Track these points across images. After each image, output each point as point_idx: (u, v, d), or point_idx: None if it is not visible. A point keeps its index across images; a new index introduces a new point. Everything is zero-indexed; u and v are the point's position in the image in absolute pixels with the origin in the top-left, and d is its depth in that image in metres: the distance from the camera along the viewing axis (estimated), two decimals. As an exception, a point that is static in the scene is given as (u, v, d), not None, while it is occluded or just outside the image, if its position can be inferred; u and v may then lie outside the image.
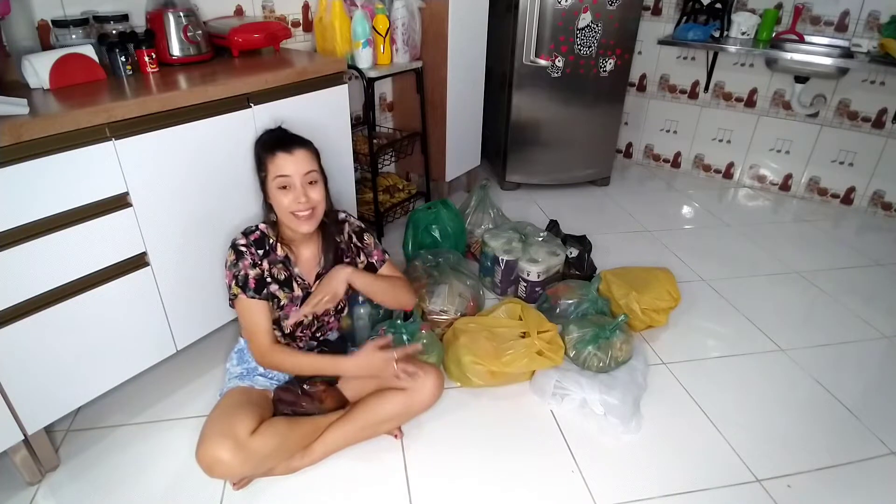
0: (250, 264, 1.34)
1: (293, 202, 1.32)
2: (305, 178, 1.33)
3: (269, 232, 1.39)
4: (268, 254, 1.37)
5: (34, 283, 1.25)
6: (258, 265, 1.35)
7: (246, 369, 1.46)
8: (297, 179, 1.32)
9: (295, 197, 1.32)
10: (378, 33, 2.19)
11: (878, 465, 1.51)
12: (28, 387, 1.30)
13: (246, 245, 1.35)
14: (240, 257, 1.34)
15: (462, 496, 1.40)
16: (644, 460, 1.50)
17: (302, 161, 1.33)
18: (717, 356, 1.90)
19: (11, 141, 1.13)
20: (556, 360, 1.68)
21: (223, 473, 1.29)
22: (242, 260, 1.34)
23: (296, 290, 1.41)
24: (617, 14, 2.67)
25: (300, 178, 1.32)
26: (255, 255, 1.35)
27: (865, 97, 2.77)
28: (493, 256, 2.13)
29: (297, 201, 1.32)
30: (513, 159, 3.01)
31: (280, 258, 1.39)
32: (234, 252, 1.35)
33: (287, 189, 1.32)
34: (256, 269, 1.35)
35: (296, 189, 1.32)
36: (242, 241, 1.35)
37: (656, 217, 2.87)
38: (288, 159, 1.31)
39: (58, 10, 1.57)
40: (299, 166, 1.32)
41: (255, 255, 1.35)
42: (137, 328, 1.50)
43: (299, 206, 1.32)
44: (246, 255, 1.34)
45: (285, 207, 1.33)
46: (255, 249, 1.35)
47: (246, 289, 1.34)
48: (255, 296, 1.34)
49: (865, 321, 2.09)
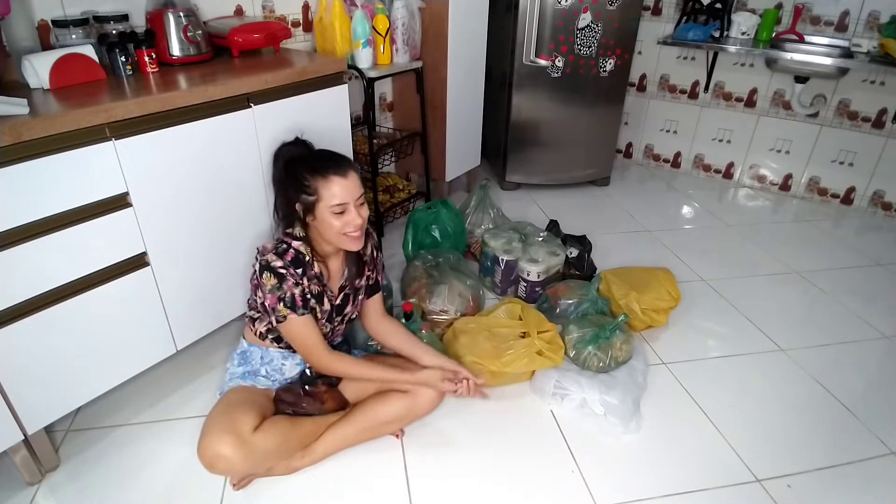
0: (293, 284, 1.31)
1: (347, 224, 1.29)
2: (358, 200, 1.31)
3: (303, 249, 1.34)
4: (305, 272, 1.34)
5: (34, 283, 1.25)
6: (300, 283, 1.32)
7: (248, 370, 1.45)
8: (352, 202, 1.29)
9: (350, 220, 1.29)
10: (378, 33, 2.19)
11: (878, 465, 1.51)
12: (28, 387, 1.30)
13: (284, 266, 1.30)
14: (282, 280, 1.30)
15: (462, 496, 1.40)
16: (644, 460, 1.50)
17: (355, 183, 1.30)
18: (717, 356, 1.90)
19: (11, 141, 1.13)
20: (556, 360, 1.68)
21: (224, 470, 1.29)
22: (285, 282, 1.30)
23: (325, 304, 1.40)
24: (617, 14, 2.67)
25: (354, 201, 1.30)
26: (295, 275, 1.31)
27: (865, 97, 2.77)
28: (493, 256, 2.13)
29: (351, 224, 1.29)
30: (513, 159, 3.01)
31: (315, 274, 1.36)
32: (273, 276, 1.29)
33: (343, 213, 1.29)
34: (300, 288, 1.32)
35: (350, 212, 1.29)
36: (279, 263, 1.30)
37: (656, 217, 2.87)
38: (343, 184, 1.27)
39: (58, 10, 1.57)
40: (354, 190, 1.29)
41: (295, 274, 1.31)
42: (137, 328, 1.50)
43: (353, 228, 1.30)
44: (287, 277, 1.30)
45: (338, 230, 1.29)
46: (293, 269, 1.31)
47: (295, 308, 1.31)
48: (304, 312, 1.33)
49: (865, 321, 2.09)
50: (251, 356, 1.47)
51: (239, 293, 1.71)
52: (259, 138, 1.63)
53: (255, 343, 1.47)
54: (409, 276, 2.05)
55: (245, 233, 1.69)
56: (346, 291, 1.45)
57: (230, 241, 1.66)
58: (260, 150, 1.64)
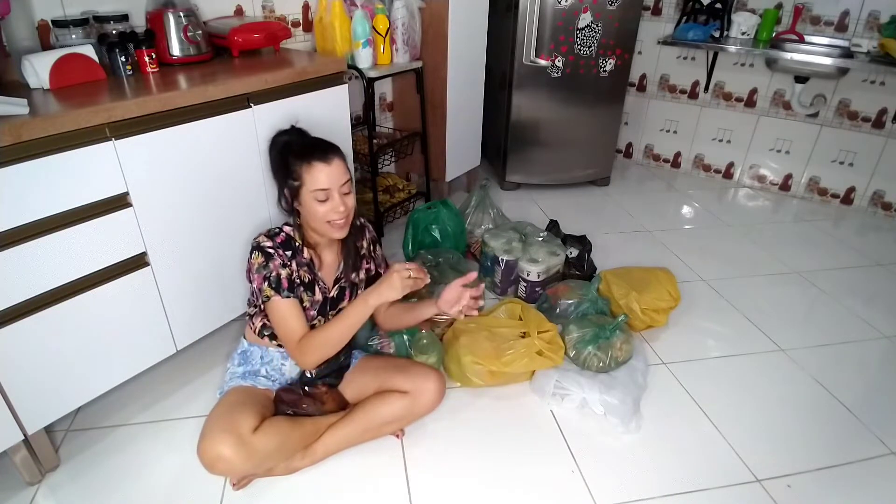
0: (280, 265, 1.32)
1: (331, 211, 1.30)
2: (343, 188, 1.32)
3: (294, 235, 1.36)
4: (294, 255, 1.35)
5: (34, 283, 1.25)
6: (287, 265, 1.33)
7: (248, 370, 1.46)
8: (336, 189, 1.30)
9: (333, 207, 1.30)
10: (378, 33, 2.19)
11: (878, 465, 1.51)
12: (28, 387, 1.30)
13: (273, 247, 1.32)
14: (269, 259, 1.31)
15: (462, 496, 1.40)
16: (644, 460, 1.50)
17: (339, 170, 1.31)
18: (717, 356, 1.90)
19: (11, 141, 1.13)
20: (556, 360, 1.68)
21: (224, 470, 1.29)
22: (272, 261, 1.31)
23: (317, 295, 1.40)
24: (617, 14, 2.67)
25: (338, 188, 1.30)
26: (283, 256, 1.33)
27: (865, 97, 2.77)
28: (493, 256, 2.13)
29: (335, 211, 1.30)
30: (513, 159, 3.01)
31: (306, 261, 1.37)
32: (262, 254, 1.31)
33: (326, 200, 1.30)
34: (287, 270, 1.33)
35: (334, 199, 1.30)
36: (269, 244, 1.32)
37: (656, 217, 2.87)
38: (326, 170, 1.28)
39: (58, 10, 1.57)
40: (338, 177, 1.30)
41: (284, 255, 1.33)
42: (137, 328, 1.50)
43: (337, 216, 1.31)
44: (275, 257, 1.31)
45: (321, 216, 1.30)
46: (283, 251, 1.33)
47: (280, 289, 1.32)
48: (289, 295, 1.33)
49: (865, 321, 2.09)
50: (251, 356, 1.47)
51: (239, 293, 1.71)
52: (259, 138, 1.63)
53: (255, 343, 1.47)
54: (409, 276, 2.05)
55: (245, 233, 1.68)
56: (342, 285, 1.45)
57: (230, 240, 1.66)
58: (260, 151, 1.64)
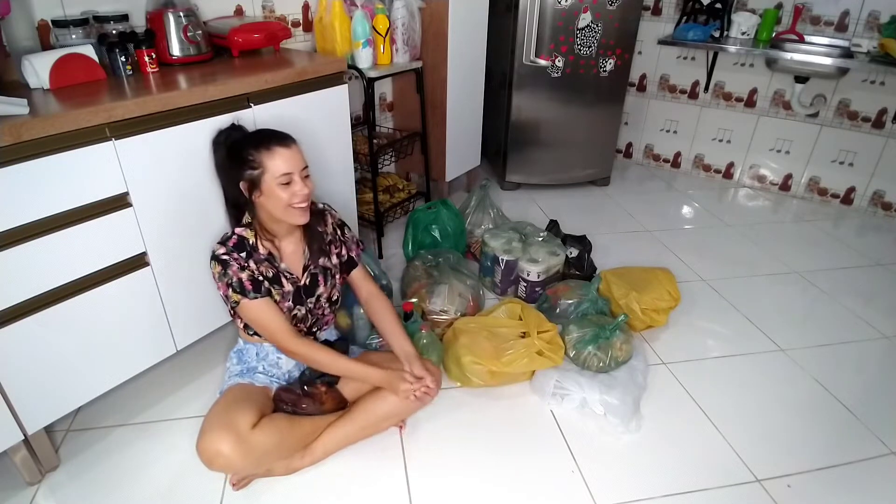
0: (238, 269, 1.33)
1: (293, 196, 1.32)
2: (303, 172, 1.34)
3: (246, 234, 1.37)
4: (251, 255, 1.36)
5: (34, 283, 1.25)
6: (246, 267, 1.34)
7: (246, 368, 1.46)
8: (297, 173, 1.32)
9: (296, 190, 1.32)
10: (378, 33, 2.19)
11: (878, 465, 1.51)
12: (28, 387, 1.30)
13: (226, 252, 1.33)
14: (225, 266, 1.32)
15: (462, 496, 1.40)
16: (644, 460, 1.50)
17: (298, 155, 1.34)
18: (717, 356, 1.90)
19: (11, 141, 1.13)
20: (556, 360, 1.68)
21: (223, 466, 1.29)
22: (229, 267, 1.32)
23: (286, 286, 1.40)
24: (617, 14, 2.67)
25: (299, 172, 1.33)
26: (238, 258, 1.33)
27: (865, 97, 2.77)
28: (493, 256, 2.13)
29: (298, 194, 1.32)
30: (513, 159, 3.01)
31: (264, 256, 1.38)
32: (218, 263, 1.32)
33: (289, 184, 1.32)
34: (247, 272, 1.34)
35: (296, 183, 1.32)
36: (222, 250, 1.33)
37: (656, 217, 2.87)
38: (287, 154, 1.31)
39: (58, 10, 1.57)
40: (298, 161, 1.33)
41: (239, 258, 1.34)
42: (137, 328, 1.50)
43: (299, 199, 1.33)
44: (231, 262, 1.32)
45: (285, 202, 1.32)
46: (237, 254, 1.34)
47: (245, 292, 1.33)
48: (256, 295, 1.34)
49: (865, 321, 2.09)
50: (247, 353, 1.47)
51: (239, 293, 1.71)
52: (259, 138, 1.63)
53: (249, 340, 1.48)
54: (410, 276, 2.05)
55: (245, 233, 1.68)
56: (313, 271, 1.45)
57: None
58: (260, 150, 1.64)
